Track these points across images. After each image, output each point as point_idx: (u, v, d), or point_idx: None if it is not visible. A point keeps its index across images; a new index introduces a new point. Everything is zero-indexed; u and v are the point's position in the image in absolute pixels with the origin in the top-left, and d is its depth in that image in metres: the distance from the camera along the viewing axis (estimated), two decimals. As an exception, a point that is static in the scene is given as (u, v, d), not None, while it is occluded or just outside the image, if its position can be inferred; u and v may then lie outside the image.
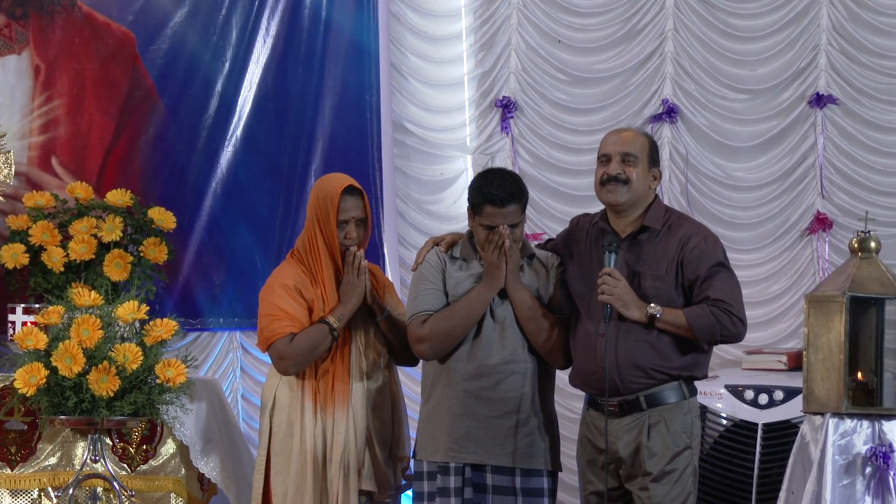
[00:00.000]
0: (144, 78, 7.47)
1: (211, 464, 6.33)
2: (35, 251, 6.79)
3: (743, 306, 5.23)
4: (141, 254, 6.89)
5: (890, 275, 5.42)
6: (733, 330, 5.18)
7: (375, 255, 7.39)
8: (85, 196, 6.99)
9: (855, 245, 5.49)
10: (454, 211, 7.81)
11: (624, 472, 5.26)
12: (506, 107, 7.83)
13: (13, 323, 6.66)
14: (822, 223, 7.48)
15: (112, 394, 5.91)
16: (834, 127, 7.53)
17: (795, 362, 6.75)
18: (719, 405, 6.60)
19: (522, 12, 7.84)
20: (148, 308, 6.14)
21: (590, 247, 5.36)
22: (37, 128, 7.37)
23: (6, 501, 6.27)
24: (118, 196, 6.97)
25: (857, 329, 5.38)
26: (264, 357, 6.60)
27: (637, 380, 5.19)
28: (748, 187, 7.62)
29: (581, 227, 5.46)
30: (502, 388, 5.27)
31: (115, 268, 6.79)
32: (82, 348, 5.92)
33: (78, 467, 6.20)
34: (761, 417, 6.52)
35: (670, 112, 7.66)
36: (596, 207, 5.48)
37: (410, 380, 6.98)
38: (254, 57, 7.58)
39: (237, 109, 7.55)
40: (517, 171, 7.27)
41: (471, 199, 5.32)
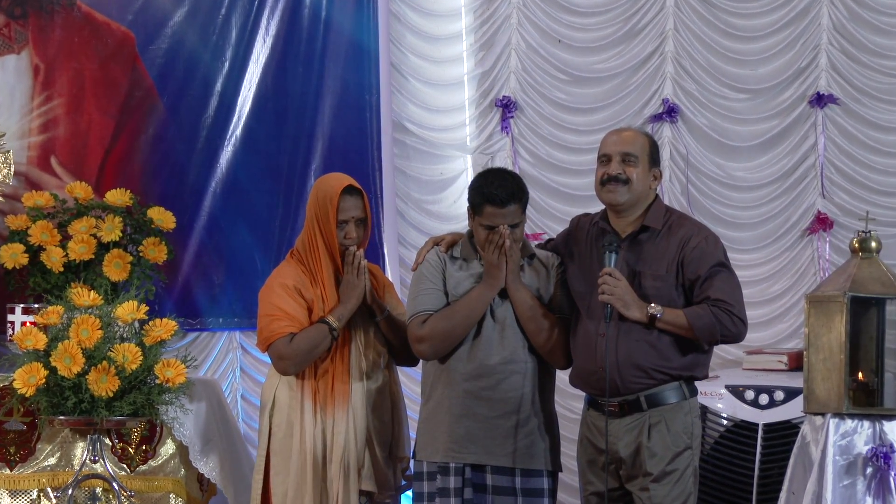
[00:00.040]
0: (144, 78, 7.46)
1: (210, 464, 6.32)
2: (34, 251, 6.79)
3: (743, 306, 5.22)
4: (140, 254, 6.89)
5: (891, 275, 5.41)
6: (734, 330, 5.17)
7: (375, 255, 7.38)
8: (84, 196, 6.99)
9: (855, 245, 5.48)
10: (454, 211, 7.80)
11: (624, 473, 5.24)
12: (506, 106, 7.82)
13: (12, 323, 6.67)
14: (823, 223, 7.47)
15: (111, 394, 5.90)
16: (834, 127, 7.52)
17: (796, 362, 6.74)
18: (720, 405, 6.59)
19: (522, 12, 7.83)
20: (147, 308, 6.15)
21: (590, 247, 5.35)
22: (36, 127, 7.37)
23: (5, 502, 6.26)
24: (117, 196, 6.97)
25: (858, 329, 5.38)
26: (264, 357, 6.59)
27: (637, 380, 5.18)
28: (749, 187, 7.61)
29: (581, 227, 5.45)
30: (502, 389, 5.26)
31: (115, 268, 6.79)
32: (81, 348, 5.91)
33: (77, 468, 6.20)
34: (762, 418, 6.51)
35: (671, 112, 7.65)
36: (596, 207, 5.47)
37: (410, 380, 6.97)
38: (253, 56, 7.58)
39: (237, 109, 7.54)
40: (517, 171, 7.26)
41: (471, 199, 5.31)
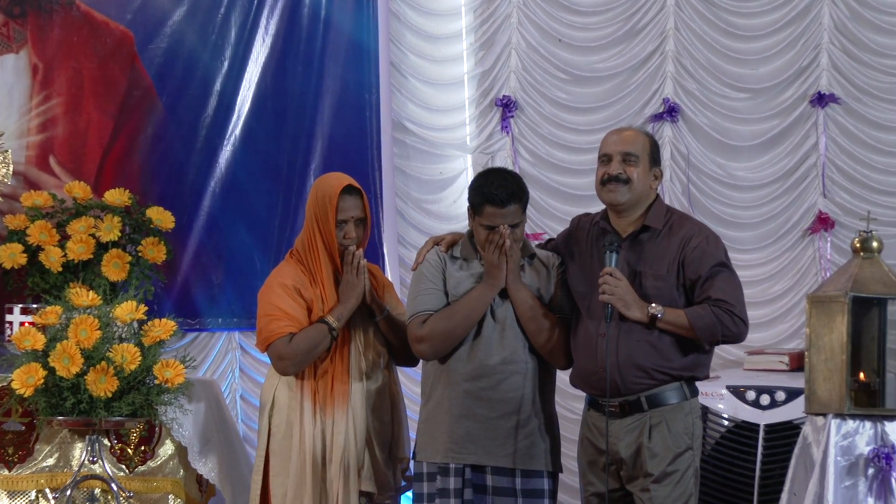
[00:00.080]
0: (143, 77, 7.46)
1: (209, 465, 6.31)
2: (33, 251, 6.79)
3: (744, 306, 5.21)
4: (139, 254, 6.88)
5: (892, 275, 5.40)
6: (735, 330, 5.16)
7: (375, 255, 7.37)
8: (83, 196, 6.99)
9: (857, 245, 5.47)
10: (454, 210, 7.79)
11: (625, 474, 5.23)
12: (506, 106, 7.81)
13: (11, 323, 6.66)
14: (824, 223, 7.47)
15: (110, 394, 5.88)
16: (836, 126, 7.52)
17: (797, 363, 6.74)
18: (721, 406, 6.59)
19: (523, 11, 7.83)
20: (146, 308, 6.12)
21: (591, 246, 5.34)
22: (35, 127, 7.37)
23: (4, 503, 6.25)
24: (116, 196, 6.96)
25: (860, 329, 5.36)
26: (263, 357, 6.58)
27: (638, 380, 5.17)
28: (750, 187, 7.61)
29: (582, 227, 5.44)
30: (503, 389, 5.25)
31: (114, 268, 6.78)
32: (80, 349, 5.90)
33: (76, 468, 6.19)
34: (763, 418, 6.51)
35: (671, 111, 7.65)
36: (597, 207, 5.46)
37: (410, 380, 6.97)
38: (253, 56, 7.58)
39: (236, 109, 7.54)
40: (517, 171, 7.26)
41: (471, 199, 5.30)
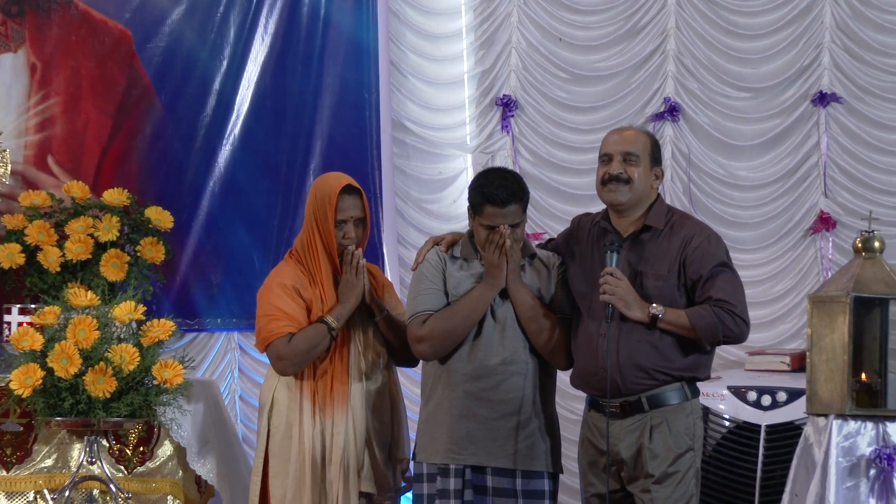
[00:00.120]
0: (141, 76, 7.46)
1: (207, 466, 6.31)
2: (31, 251, 6.78)
3: (746, 306, 5.19)
4: (138, 254, 6.88)
5: (894, 275, 5.41)
6: (736, 330, 5.14)
7: (375, 255, 7.37)
8: (81, 195, 6.98)
9: (859, 245, 5.49)
10: (454, 210, 7.78)
11: (626, 474, 5.22)
12: (506, 105, 7.80)
13: (9, 323, 6.65)
14: (826, 222, 7.46)
15: (108, 395, 5.87)
16: (837, 125, 7.51)
17: (799, 363, 6.74)
18: (722, 406, 6.59)
19: (523, 10, 7.83)
20: (145, 308, 6.11)
21: (591, 246, 5.32)
22: (33, 126, 7.37)
23: (2, 504, 6.26)
24: (115, 195, 6.96)
25: (861, 330, 5.38)
26: (262, 358, 6.57)
27: (639, 381, 5.15)
28: (751, 186, 7.60)
29: (582, 227, 5.42)
30: (503, 389, 5.23)
31: (112, 268, 6.77)
32: (78, 349, 5.88)
33: (74, 469, 6.18)
34: (764, 419, 6.51)
35: (672, 110, 7.64)
36: (597, 207, 5.45)
37: (410, 381, 6.97)
38: (252, 55, 7.57)
39: (235, 108, 7.54)
40: (518, 171, 7.26)
41: (471, 199, 5.29)
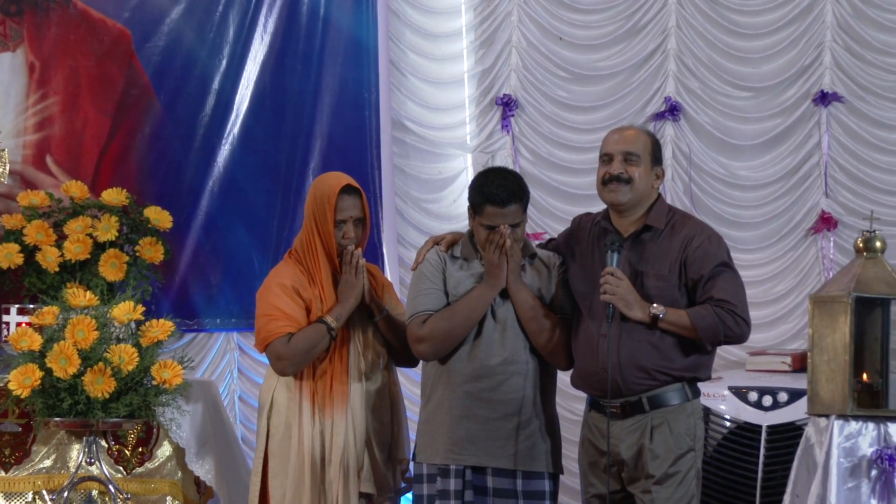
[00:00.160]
0: (140, 75, 7.46)
1: (206, 466, 6.30)
2: (29, 251, 6.77)
3: (747, 307, 5.18)
4: (137, 254, 6.87)
5: (895, 275, 5.38)
6: (737, 331, 5.13)
7: (374, 255, 7.36)
8: (80, 195, 6.97)
9: (860, 245, 5.50)
10: (454, 210, 7.78)
11: (626, 475, 5.21)
12: (506, 104, 7.80)
13: (7, 324, 6.65)
14: (827, 222, 7.45)
15: (107, 395, 5.85)
16: (838, 125, 7.50)
17: (800, 364, 6.73)
18: (723, 407, 6.59)
19: (523, 9, 7.83)
20: (144, 309, 6.09)
21: (592, 246, 5.32)
22: (31, 126, 7.37)
23: (0, 504, 6.25)
24: (114, 195, 6.94)
25: (863, 330, 5.38)
26: (262, 358, 6.56)
27: (640, 381, 5.15)
28: (752, 186, 7.60)
29: (583, 227, 5.42)
30: (503, 390, 5.23)
31: (111, 268, 6.76)
32: (77, 349, 5.86)
33: (73, 470, 6.16)
34: (765, 419, 6.50)
35: (673, 110, 7.63)
36: (598, 206, 5.44)
37: (410, 381, 6.96)
38: (251, 54, 7.56)
39: (234, 107, 7.53)
40: (518, 170, 7.24)
41: (471, 199, 5.28)
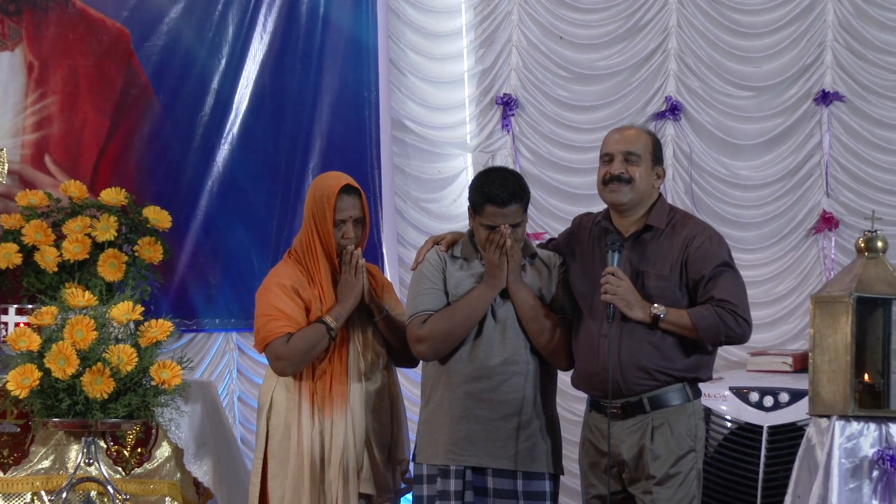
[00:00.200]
0: (139, 75, 7.46)
1: (204, 468, 6.30)
2: (28, 251, 6.76)
3: (748, 307, 5.18)
4: (136, 253, 6.87)
5: (898, 275, 5.40)
6: (738, 331, 5.12)
7: (374, 255, 7.35)
8: (79, 195, 6.96)
9: (861, 245, 5.51)
10: (454, 210, 7.77)
11: (627, 476, 5.20)
12: (507, 104, 7.79)
13: (6, 324, 6.63)
14: (829, 222, 7.45)
15: (106, 396, 5.84)
16: (840, 124, 7.50)
17: (801, 364, 6.72)
18: (724, 407, 6.59)
19: (523, 8, 7.82)
20: (143, 309, 6.08)
21: (592, 246, 5.31)
22: (30, 125, 7.37)
23: (-1, 505, 6.25)
24: (112, 195, 6.94)
25: (864, 330, 5.40)
26: (261, 358, 6.56)
27: (640, 381, 5.14)
28: (753, 186, 7.59)
29: (584, 227, 5.41)
30: (503, 390, 5.22)
31: (110, 268, 6.75)
32: (76, 350, 5.85)
33: (71, 471, 6.14)
34: (766, 420, 6.50)
35: (674, 109, 7.62)
36: (598, 206, 5.44)
37: (410, 382, 6.96)
38: (250, 54, 7.55)
39: (234, 107, 7.53)
40: (518, 170, 7.23)
41: (472, 199, 5.27)
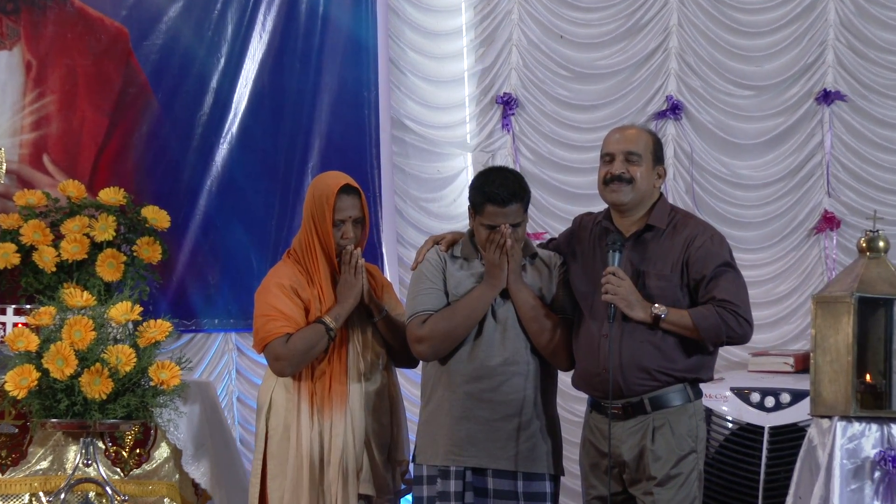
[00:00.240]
0: (138, 74, 7.46)
1: (201, 469, 6.30)
2: (26, 251, 6.78)
3: (749, 307, 5.17)
4: (134, 253, 6.88)
5: (899, 275, 5.39)
6: (739, 331, 5.12)
7: (374, 255, 7.35)
8: (77, 194, 6.97)
9: (863, 244, 5.51)
10: (454, 209, 7.77)
11: (628, 477, 5.19)
12: (507, 103, 7.78)
13: (4, 324, 6.63)
14: (830, 222, 7.44)
15: (105, 396, 5.83)
16: (841, 124, 7.49)
17: (802, 364, 6.71)
18: (725, 408, 6.58)
19: (524, 7, 7.82)
20: (141, 309, 6.07)
21: (593, 246, 5.30)
22: (28, 125, 7.37)
23: (-3, 506, 6.24)
24: (111, 194, 6.95)
25: (866, 330, 5.40)
26: (260, 359, 6.55)
27: (641, 382, 5.13)
28: (754, 185, 7.59)
29: (584, 227, 5.40)
30: (504, 391, 5.21)
31: (108, 268, 6.76)
32: (74, 350, 5.85)
33: (70, 471, 6.15)
34: (768, 421, 6.50)
35: (675, 109, 7.61)
36: (599, 206, 5.43)
37: (409, 382, 6.96)
38: (249, 53, 7.55)
39: (233, 106, 7.52)
40: (518, 169, 7.21)
41: (472, 199, 5.27)
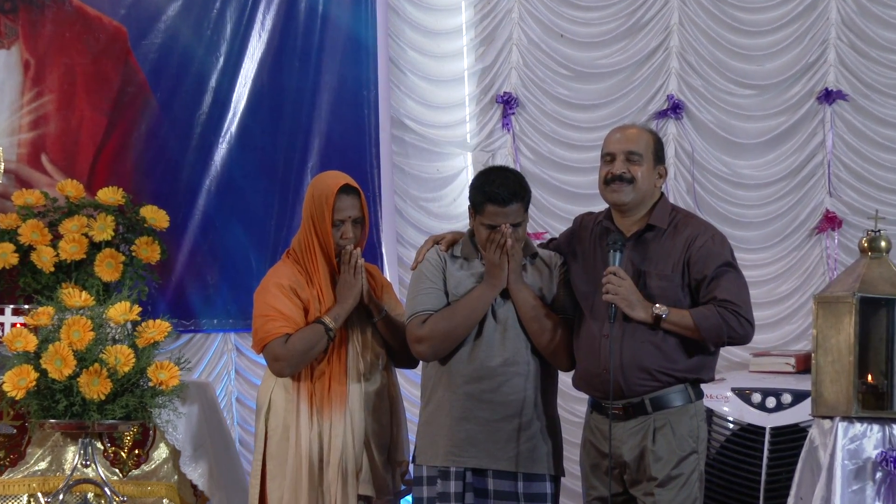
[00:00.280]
0: (137, 73, 7.45)
1: (199, 470, 6.31)
2: (24, 251, 6.77)
3: (751, 307, 5.17)
4: (133, 253, 6.88)
5: (901, 275, 5.38)
6: (741, 331, 5.11)
7: (373, 255, 7.35)
8: (76, 194, 6.97)
9: (865, 244, 5.51)
10: (454, 209, 7.77)
11: (628, 477, 5.19)
12: (507, 103, 7.78)
13: (2, 324, 6.63)
14: (831, 222, 7.44)
15: (103, 397, 5.84)
16: (843, 123, 7.50)
17: (804, 365, 6.72)
18: (726, 409, 6.58)
19: (524, 6, 7.82)
20: (140, 309, 6.08)
21: (594, 246, 5.30)
22: (26, 124, 7.36)
23: (-5, 507, 6.23)
24: (110, 194, 6.94)
25: (868, 330, 5.38)
26: (260, 359, 6.54)
27: (642, 382, 5.12)
28: (755, 185, 7.59)
29: (585, 226, 5.40)
30: (504, 391, 5.20)
31: (107, 268, 6.76)
32: (73, 350, 5.85)
33: (68, 472, 6.14)
34: (769, 421, 6.49)
35: (676, 108, 7.61)
36: (600, 206, 5.43)
37: (409, 382, 6.96)
38: (249, 52, 7.54)
39: (232, 105, 7.51)
40: (519, 169, 7.21)
41: (472, 198, 5.26)
